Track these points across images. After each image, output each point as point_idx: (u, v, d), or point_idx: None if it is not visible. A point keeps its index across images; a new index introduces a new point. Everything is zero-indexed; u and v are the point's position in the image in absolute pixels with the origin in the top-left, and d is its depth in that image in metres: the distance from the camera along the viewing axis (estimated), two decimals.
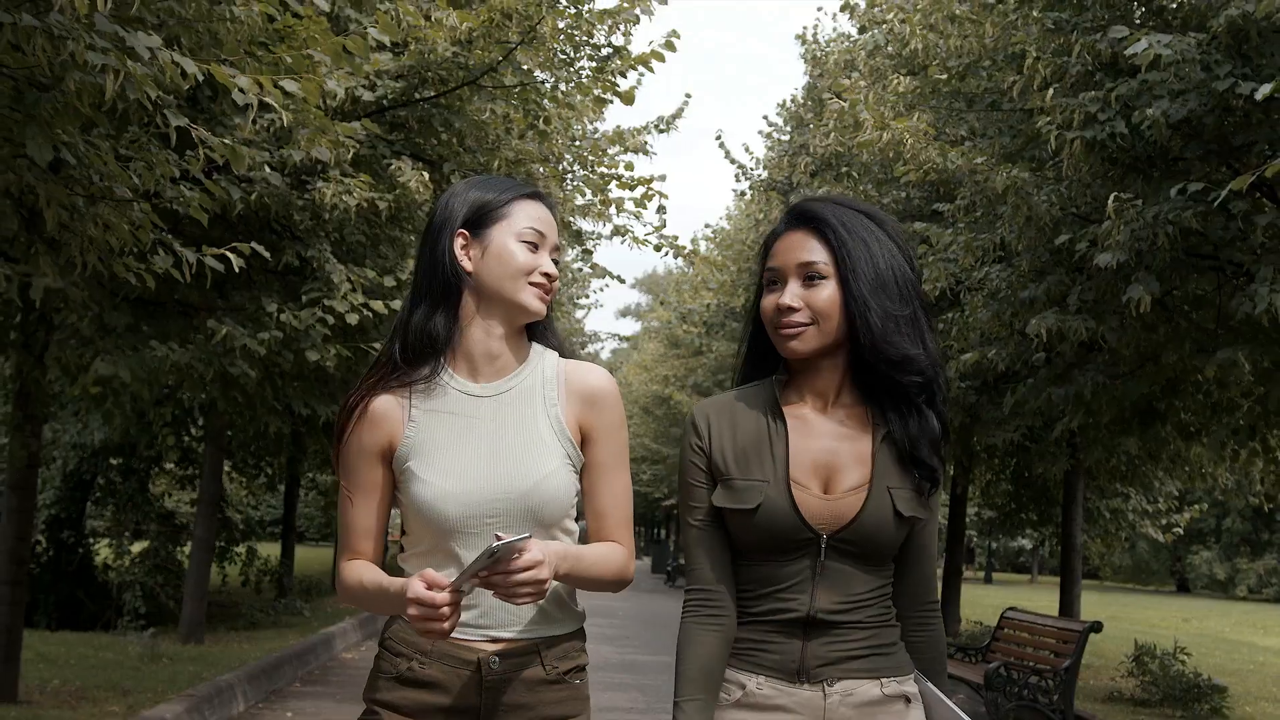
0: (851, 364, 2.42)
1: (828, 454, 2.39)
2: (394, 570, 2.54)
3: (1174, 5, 8.19)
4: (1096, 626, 9.95)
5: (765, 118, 20.73)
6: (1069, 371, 9.46)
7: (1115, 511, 17.88)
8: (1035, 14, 8.48)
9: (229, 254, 5.42)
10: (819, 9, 20.46)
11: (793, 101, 18.15)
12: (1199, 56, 7.40)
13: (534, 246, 2.41)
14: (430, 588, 2.15)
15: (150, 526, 17.81)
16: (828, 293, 2.37)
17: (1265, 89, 5.96)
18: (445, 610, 2.15)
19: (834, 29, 17.19)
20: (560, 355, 2.52)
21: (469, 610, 2.34)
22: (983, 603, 29.44)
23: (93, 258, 5.20)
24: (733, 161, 19.02)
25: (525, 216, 2.42)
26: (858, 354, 2.40)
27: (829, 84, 14.96)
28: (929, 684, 2.45)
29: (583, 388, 2.46)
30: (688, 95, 14.53)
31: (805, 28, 22.12)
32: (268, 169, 6.35)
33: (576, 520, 2.50)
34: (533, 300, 2.40)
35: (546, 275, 2.40)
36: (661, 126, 14.39)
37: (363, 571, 2.42)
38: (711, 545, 2.42)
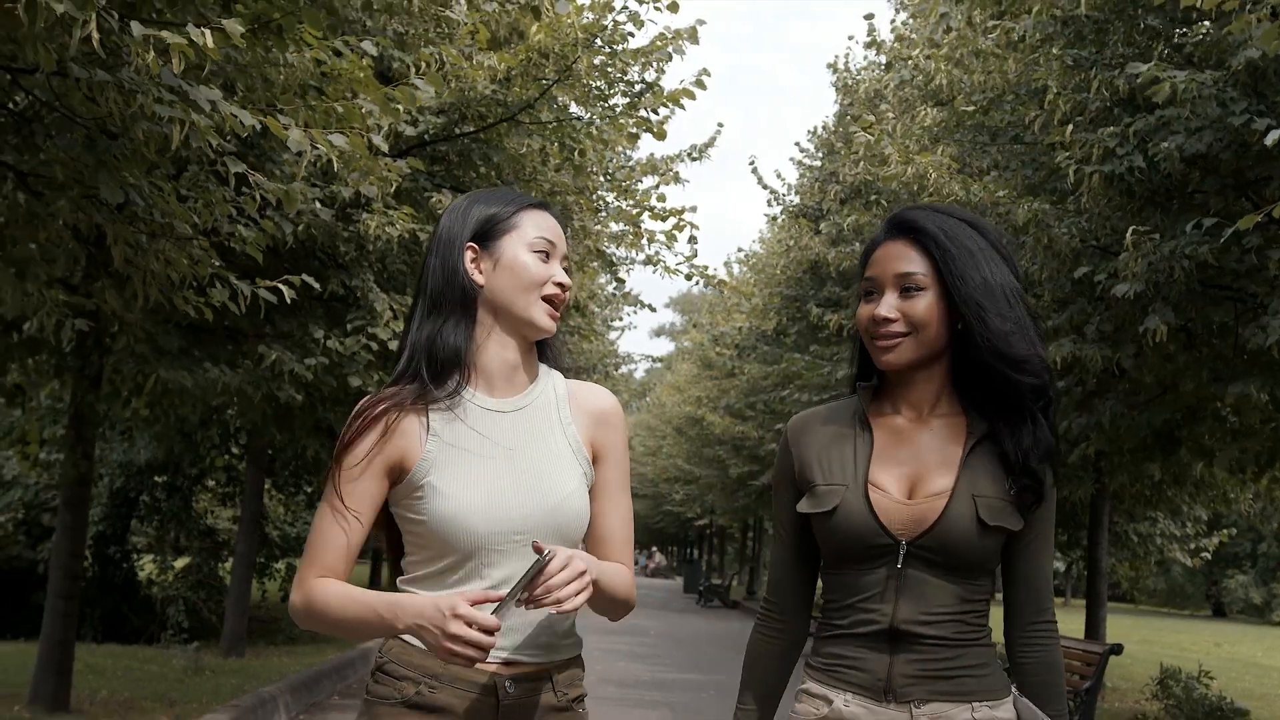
0: (950, 374, 2.42)
1: (915, 459, 2.37)
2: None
3: (1194, 43, 8.43)
4: (1117, 649, 10.15)
5: (797, 144, 21.04)
6: (1089, 399, 9.68)
7: (1143, 536, 18.01)
8: (1056, 51, 8.74)
9: (281, 286, 5.75)
10: (850, 37, 20.74)
11: (824, 129, 18.45)
12: (1215, 94, 7.66)
13: (545, 256, 2.37)
14: (477, 604, 2.10)
15: (193, 543, 18.24)
16: (925, 303, 2.34)
17: (1275, 135, 6.17)
18: (493, 639, 2.08)
19: (865, 58, 17.45)
20: (552, 366, 2.49)
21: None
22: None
23: (154, 291, 5.54)
24: (765, 187, 19.33)
25: (534, 226, 2.38)
26: (957, 364, 2.39)
27: (858, 113, 15.25)
28: (1026, 702, 2.36)
29: (592, 407, 2.44)
30: (720, 124, 14.82)
31: (836, 56, 22.44)
32: (318, 204, 6.67)
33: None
34: (543, 317, 2.35)
35: (560, 285, 2.37)
36: (694, 155, 14.67)
37: (351, 588, 2.28)
38: (791, 559, 2.46)
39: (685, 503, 42.01)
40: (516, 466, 2.31)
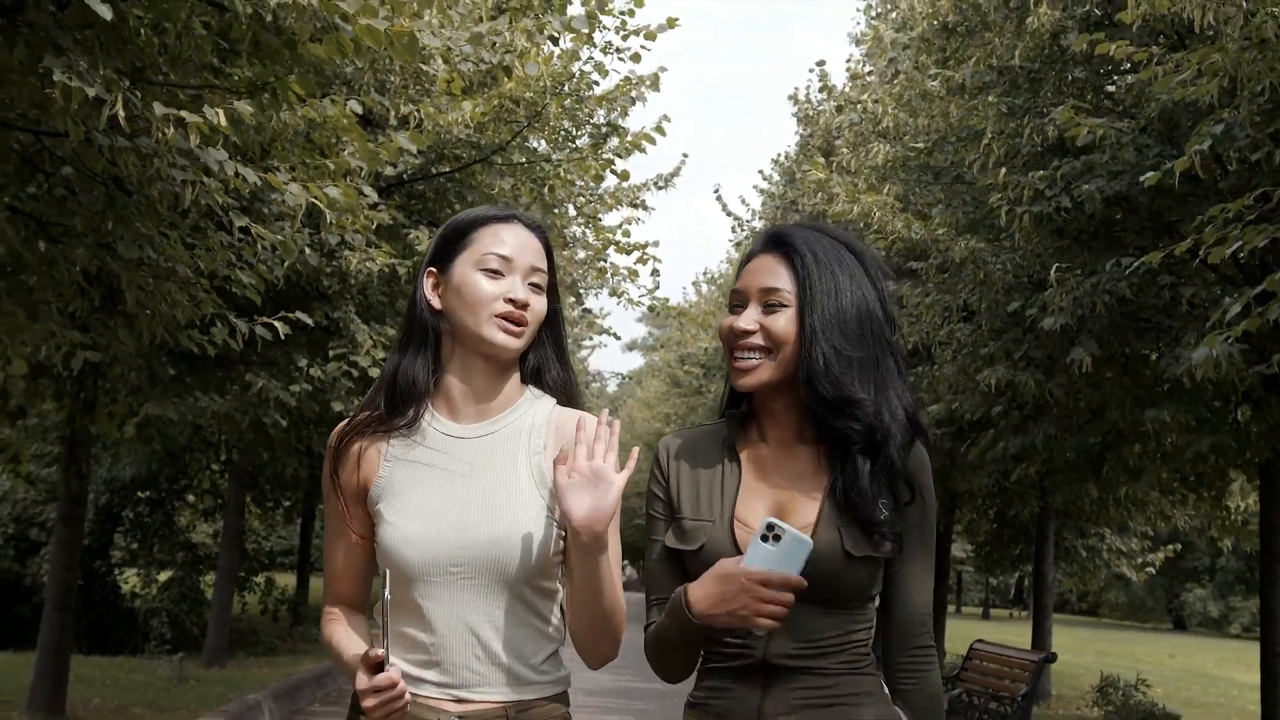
0: (813, 418, 2.30)
1: (780, 494, 2.29)
2: (305, 619, 2.64)
3: (1119, 92, 9.12)
4: (1051, 657, 10.83)
5: (760, 172, 21.74)
6: (1025, 423, 10.36)
7: (1091, 550, 18.74)
8: (992, 99, 9.42)
9: (275, 324, 6.33)
10: (810, 69, 21.48)
11: (785, 157, 19.14)
12: (1132, 140, 8.34)
13: (496, 274, 2.25)
14: (373, 668, 2.09)
15: (175, 556, 18.76)
16: (785, 320, 2.27)
17: (1150, 176, 6.79)
18: (399, 689, 2.07)
19: (818, 101, 18.17)
20: (561, 403, 2.38)
21: (431, 668, 2.22)
22: (972, 636, 30.11)
23: (160, 329, 6.12)
24: (729, 214, 20.03)
25: (489, 242, 2.27)
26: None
27: (818, 144, 15.95)
28: None
29: (571, 435, 2.26)
30: (685, 155, 15.50)
31: (797, 88, 23.13)
32: (307, 249, 7.26)
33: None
34: (497, 334, 2.24)
35: (512, 301, 2.24)
36: (660, 184, 15.31)
37: (335, 633, 2.33)
38: (670, 574, 2.35)
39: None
40: (466, 495, 2.23)
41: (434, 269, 2.33)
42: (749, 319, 2.30)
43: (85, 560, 18.12)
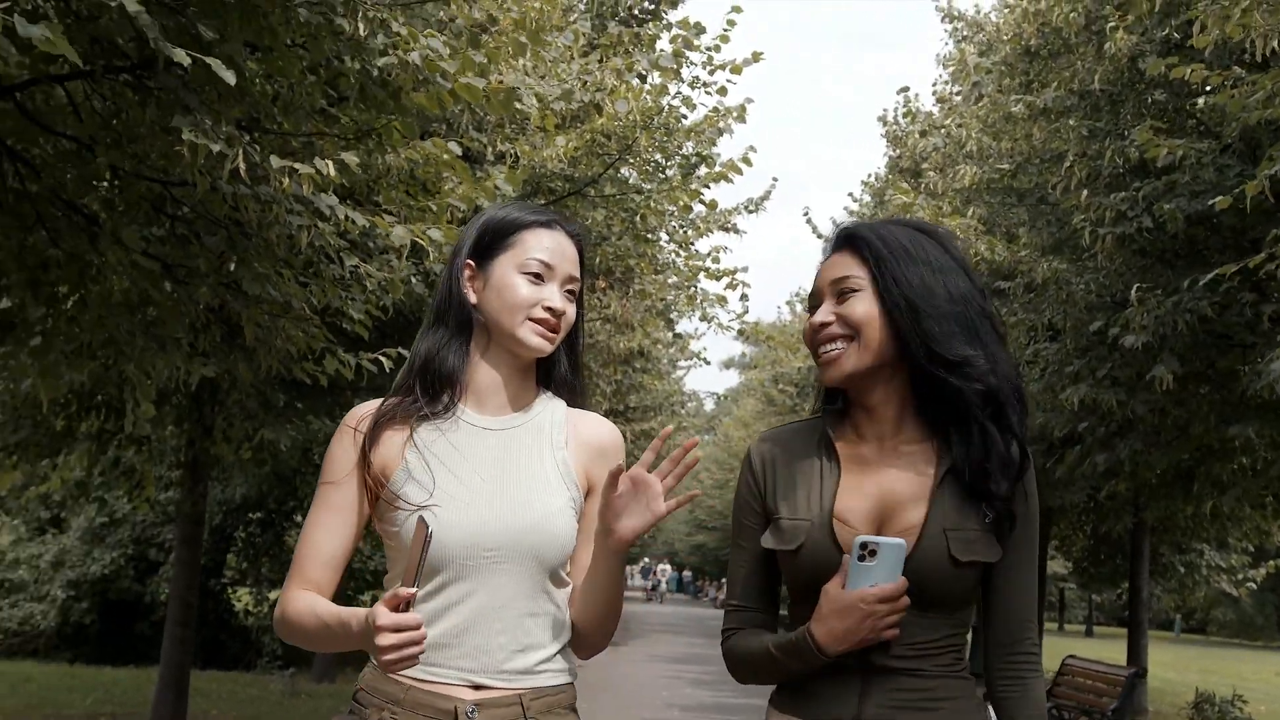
0: (912, 392, 2.26)
1: (884, 492, 2.21)
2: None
3: (1198, 113, 9.26)
4: (1141, 673, 10.93)
5: (850, 194, 21.96)
6: (1112, 439, 10.49)
7: (1189, 565, 18.63)
8: (1073, 122, 9.60)
9: (381, 357, 6.74)
10: (899, 92, 21.67)
11: (875, 178, 19.34)
12: (1212, 160, 8.49)
13: (538, 278, 2.28)
14: (397, 607, 1.99)
15: (285, 574, 19.40)
16: (862, 305, 2.22)
17: (1221, 200, 6.96)
18: (421, 631, 2.00)
19: (904, 126, 18.38)
20: (571, 404, 2.42)
21: (446, 649, 2.18)
22: (1071, 652, 29.89)
23: (276, 362, 6.55)
24: (819, 235, 20.24)
25: (533, 246, 2.30)
26: (917, 378, 2.24)
27: (906, 165, 16.16)
28: None
29: (592, 437, 2.37)
30: (775, 179, 15.75)
31: (885, 109, 23.32)
32: (413, 279, 7.65)
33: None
34: (531, 337, 2.27)
35: (550, 309, 2.28)
36: (751, 208, 15.58)
37: (315, 601, 2.22)
38: (756, 581, 2.34)
39: None
40: (496, 484, 2.24)
41: (471, 262, 2.33)
42: (824, 312, 2.27)
43: (201, 579, 18.91)
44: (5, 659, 18.01)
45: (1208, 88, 8.42)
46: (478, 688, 2.17)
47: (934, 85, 15.00)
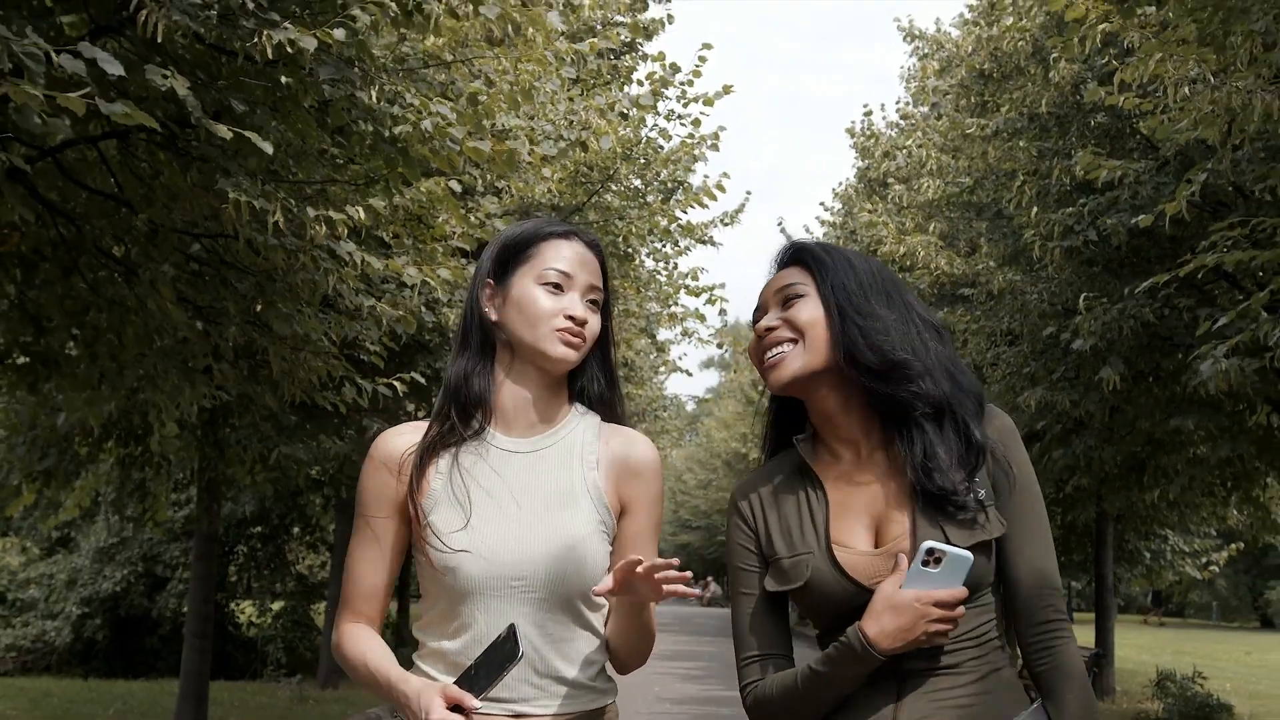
0: (868, 401, 2.22)
1: (871, 503, 2.20)
2: (409, 642, 2.72)
3: (1137, 134, 9.99)
4: (1100, 654, 11.65)
5: (822, 203, 22.66)
6: (1068, 437, 11.24)
7: (1155, 552, 19.43)
8: (1023, 143, 10.33)
9: (395, 383, 7.41)
10: (865, 105, 22.39)
11: (845, 187, 20.06)
12: (1150, 178, 9.23)
13: (557, 288, 2.24)
14: (454, 708, 2.01)
15: (287, 587, 20.09)
16: (807, 308, 2.22)
17: (1144, 218, 7.67)
18: None
19: (883, 118, 19.07)
20: (605, 419, 2.36)
21: None
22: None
23: (298, 391, 7.21)
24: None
25: (550, 257, 2.26)
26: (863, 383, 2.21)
27: (875, 175, 16.89)
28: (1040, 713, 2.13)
29: (625, 457, 2.30)
30: (748, 192, 16.43)
31: (854, 122, 24.03)
32: (423, 309, 8.32)
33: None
34: (556, 347, 2.22)
35: (571, 318, 2.23)
36: (726, 221, 16.28)
37: (369, 649, 2.22)
38: (765, 627, 2.27)
39: None
40: (523, 510, 2.20)
41: (491, 281, 2.30)
42: (770, 318, 2.26)
43: None
44: (21, 675, 18.67)
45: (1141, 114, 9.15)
46: (518, 716, 2.15)
47: (897, 102, 15.73)
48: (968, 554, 2.03)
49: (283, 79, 5.59)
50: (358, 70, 5.69)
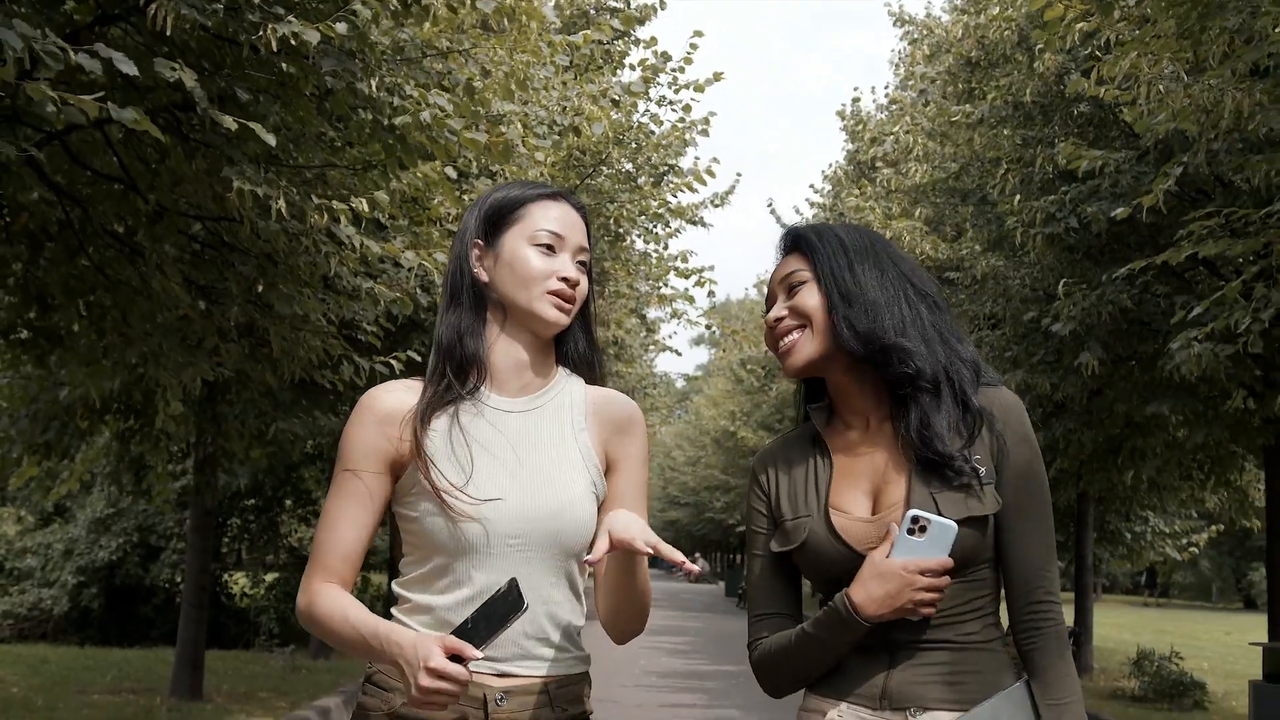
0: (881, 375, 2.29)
1: (873, 472, 2.27)
2: (386, 600, 2.81)
3: (1119, 125, 10.21)
4: (1076, 633, 11.93)
5: (811, 185, 22.86)
6: (1049, 420, 11.50)
7: (1135, 533, 19.74)
8: (1008, 131, 10.54)
9: (392, 361, 7.62)
10: (855, 89, 22.56)
11: (835, 169, 20.26)
12: (1130, 167, 9.45)
13: (549, 249, 2.23)
14: (452, 657, 1.96)
15: (280, 558, 20.37)
16: (810, 296, 2.29)
17: (1121, 210, 7.88)
18: (464, 688, 1.98)
19: (872, 101, 19.27)
20: (588, 381, 2.37)
21: None
22: None
23: (298, 369, 7.43)
24: (783, 225, 21.11)
25: (541, 218, 2.25)
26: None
27: (864, 157, 17.10)
28: (1020, 695, 2.17)
29: (612, 414, 2.32)
30: (738, 174, 16.64)
31: (844, 104, 24.21)
32: (419, 291, 8.53)
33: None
34: (548, 309, 2.23)
35: (565, 280, 2.23)
36: (716, 202, 16.49)
37: (348, 606, 2.14)
38: (775, 585, 2.37)
39: (726, 510, 43.76)
40: (518, 469, 2.20)
41: (480, 241, 2.28)
42: (777, 308, 2.33)
43: None
44: (18, 642, 18.95)
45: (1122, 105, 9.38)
46: (504, 675, 2.15)
47: (886, 87, 15.93)
48: (952, 524, 2.09)
49: (285, 68, 5.77)
50: (359, 61, 5.88)
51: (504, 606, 1.98)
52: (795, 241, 2.36)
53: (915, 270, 2.37)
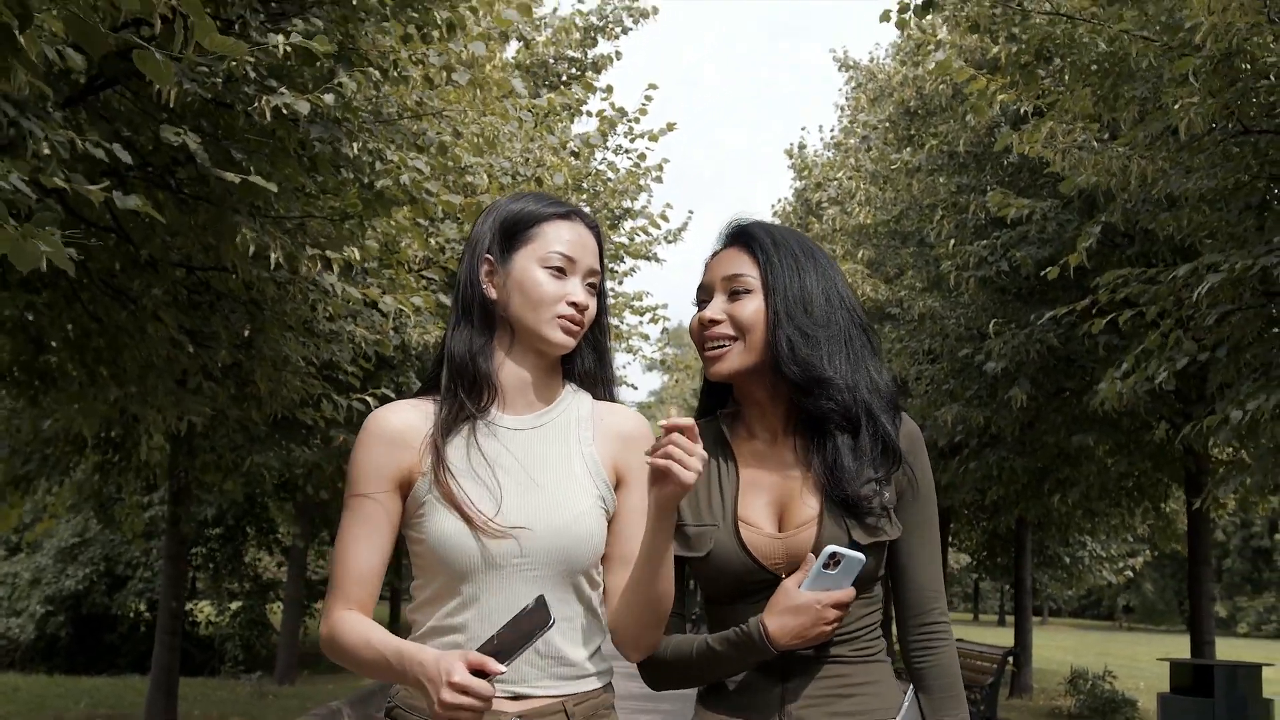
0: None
1: (779, 486, 2.25)
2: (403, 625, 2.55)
3: (1045, 173, 10.90)
4: (1012, 651, 12.65)
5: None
6: (983, 450, 12.17)
7: (1073, 557, 20.50)
8: (943, 179, 11.23)
9: (369, 398, 8.15)
10: (802, 128, 23.24)
11: (784, 204, 20.93)
12: (1055, 216, 10.14)
13: (560, 273, 2.20)
14: (476, 673, 1.94)
15: (244, 587, 20.76)
16: (752, 307, 2.25)
17: (1051, 270, 8.53)
18: (488, 704, 1.96)
19: (820, 140, 19.96)
20: (597, 397, 2.34)
21: None
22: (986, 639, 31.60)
23: (280, 407, 7.94)
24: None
25: (553, 239, 2.21)
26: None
27: (811, 195, 17.77)
28: (913, 708, 2.24)
29: (619, 429, 2.29)
30: (690, 211, 17.30)
31: (792, 143, 24.87)
32: (393, 332, 9.06)
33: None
34: (556, 334, 2.20)
35: (574, 304, 2.20)
36: (670, 238, 17.12)
37: (369, 629, 2.15)
38: (679, 592, 2.30)
39: None
40: (524, 487, 2.18)
41: (490, 258, 2.24)
42: (715, 308, 2.28)
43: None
44: None
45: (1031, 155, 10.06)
46: (518, 698, 2.13)
47: (832, 129, 16.65)
48: (862, 556, 2.11)
49: (276, 132, 6.30)
50: (343, 127, 6.42)
51: (530, 623, 1.97)
52: (747, 241, 2.32)
53: (850, 290, 2.36)
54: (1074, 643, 36.36)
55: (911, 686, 2.27)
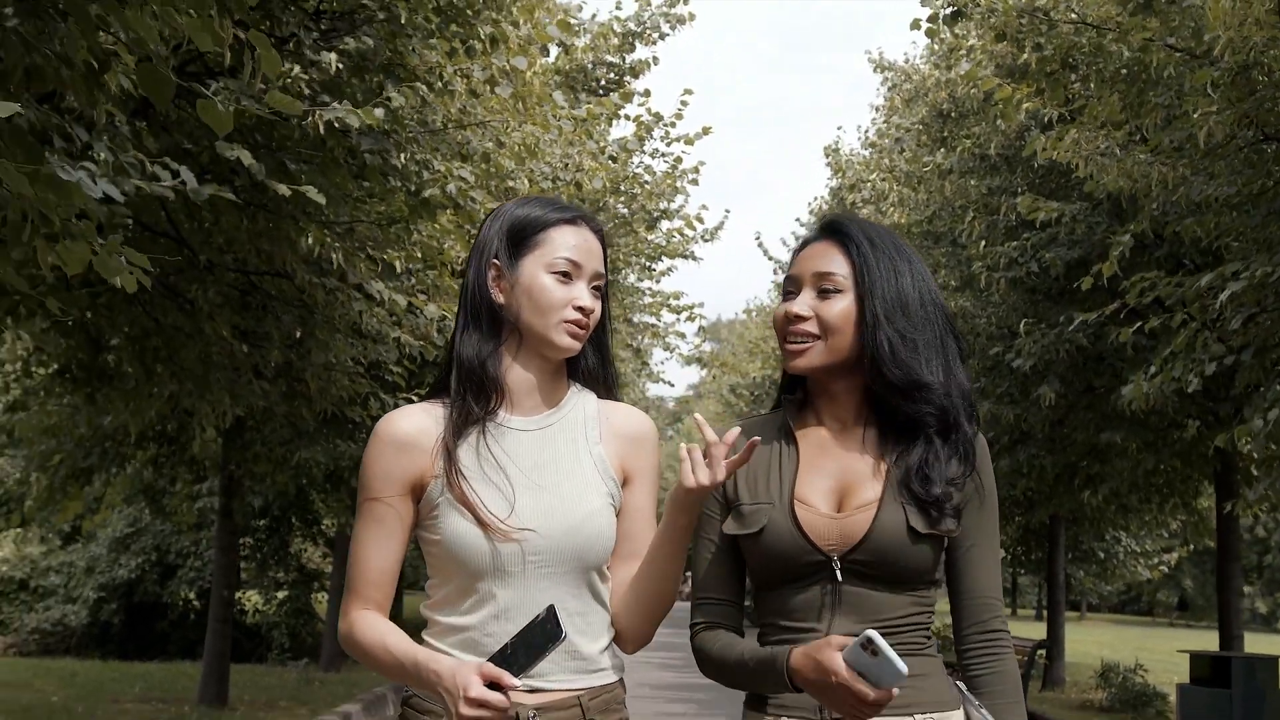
0: (878, 398, 2.26)
1: (842, 471, 2.25)
2: (415, 623, 2.51)
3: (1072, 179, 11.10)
4: (1043, 644, 12.85)
5: (798, 219, 23.78)
6: (1014, 447, 12.38)
7: (1108, 552, 20.62)
8: (974, 182, 11.43)
9: (414, 397, 8.47)
10: (839, 127, 23.46)
11: (820, 202, 21.13)
12: (1085, 218, 10.33)
13: (566, 277, 2.23)
14: (491, 686, 2.00)
15: (290, 576, 21.25)
16: (841, 307, 2.24)
17: (1085, 280, 8.71)
18: (505, 714, 2.00)
19: (857, 138, 20.19)
20: (600, 396, 2.38)
21: None
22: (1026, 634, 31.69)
23: (330, 406, 8.28)
24: (770, 258, 22.09)
25: (560, 245, 2.24)
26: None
27: (845, 194, 17.98)
28: (980, 710, 2.22)
29: (625, 428, 2.34)
30: (727, 211, 17.53)
31: (830, 143, 25.10)
32: (435, 333, 9.37)
33: None
34: (563, 338, 2.23)
35: (580, 309, 2.23)
36: (707, 237, 17.38)
37: (386, 632, 2.20)
38: (721, 571, 2.34)
39: None
40: (536, 487, 2.22)
41: (498, 262, 2.27)
42: (803, 304, 2.27)
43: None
44: (43, 655, 19.83)
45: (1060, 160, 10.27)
46: (535, 691, 2.17)
47: (864, 132, 16.87)
48: (904, 668, 1.95)
49: (328, 144, 6.61)
50: (391, 139, 6.73)
51: (542, 635, 2.00)
52: (842, 238, 2.31)
53: (939, 290, 2.35)
54: (1111, 637, 36.38)
55: (964, 687, 2.27)
